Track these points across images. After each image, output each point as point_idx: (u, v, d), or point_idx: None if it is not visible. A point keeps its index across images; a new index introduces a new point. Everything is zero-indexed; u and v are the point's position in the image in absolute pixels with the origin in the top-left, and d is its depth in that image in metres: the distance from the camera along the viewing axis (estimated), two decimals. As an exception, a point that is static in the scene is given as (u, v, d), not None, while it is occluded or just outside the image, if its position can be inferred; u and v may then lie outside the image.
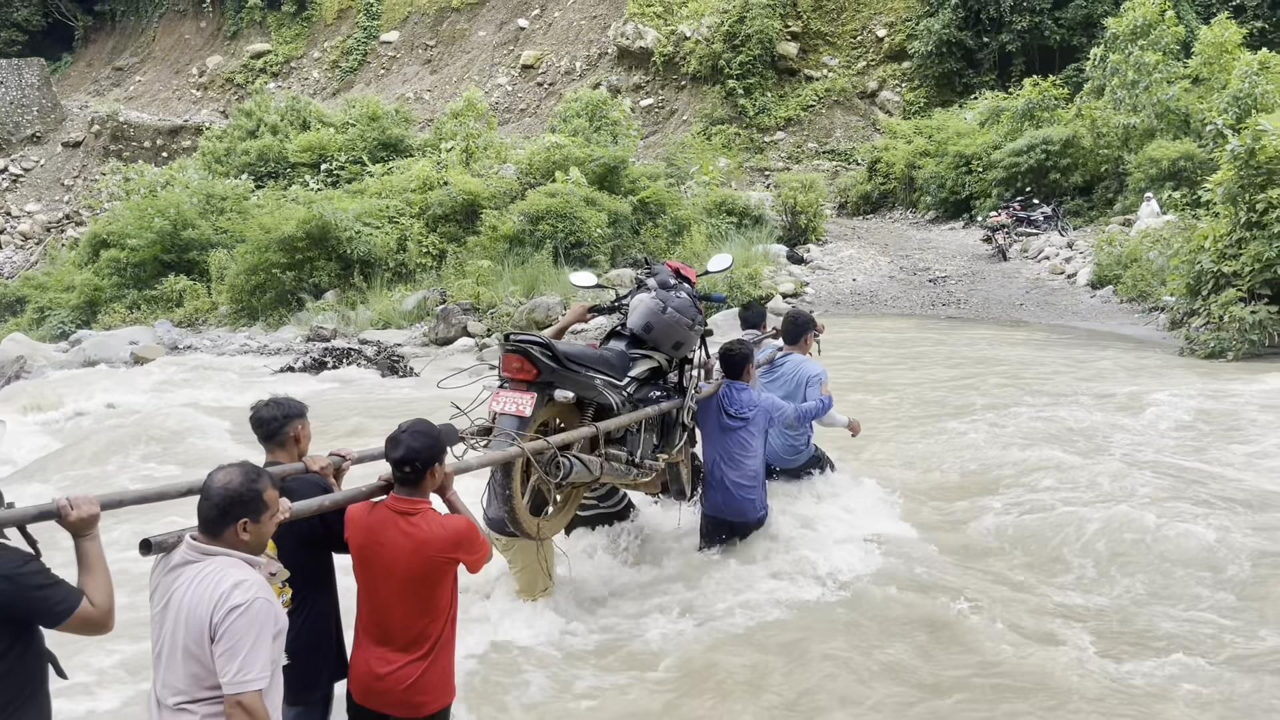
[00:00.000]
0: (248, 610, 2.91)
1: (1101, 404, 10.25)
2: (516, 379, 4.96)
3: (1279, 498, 7.12)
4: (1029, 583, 6.00)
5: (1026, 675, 4.79)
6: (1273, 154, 13.00)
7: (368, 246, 20.66)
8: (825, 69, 38.64)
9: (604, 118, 28.05)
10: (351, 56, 46.95)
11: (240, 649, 2.89)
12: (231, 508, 3.02)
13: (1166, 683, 4.70)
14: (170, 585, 3.03)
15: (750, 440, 5.88)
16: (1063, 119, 26.28)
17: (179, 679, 2.99)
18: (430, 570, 3.59)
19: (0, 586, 2.85)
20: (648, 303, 5.75)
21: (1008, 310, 18.69)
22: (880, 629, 5.31)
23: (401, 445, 3.61)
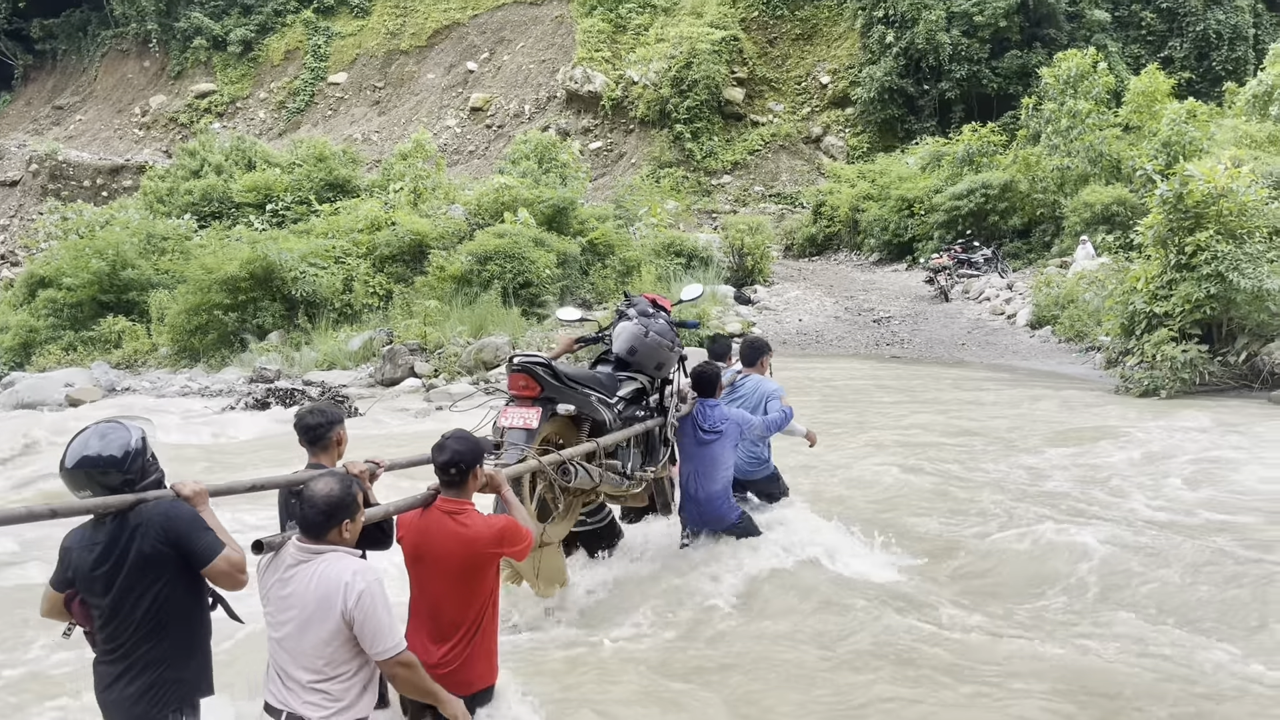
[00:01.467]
0: (369, 592, 3.41)
1: (1040, 440, 10.46)
2: (522, 395, 5.43)
3: (1179, 524, 7.30)
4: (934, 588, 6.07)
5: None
6: (1200, 198, 13.45)
7: (313, 287, 20.45)
8: (771, 114, 39.34)
9: (553, 160, 28.23)
10: (299, 97, 46.78)
11: (378, 624, 3.41)
12: (336, 512, 3.49)
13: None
14: (287, 583, 3.49)
15: (723, 454, 6.35)
16: (1001, 164, 27.01)
17: (312, 662, 3.46)
18: (477, 563, 4.03)
19: (161, 524, 3.41)
20: (631, 328, 6.30)
21: (950, 350, 19.01)
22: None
23: (447, 450, 4.07)
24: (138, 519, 3.42)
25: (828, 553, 6.63)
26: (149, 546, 3.40)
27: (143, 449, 3.55)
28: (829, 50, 39.84)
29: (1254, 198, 13.53)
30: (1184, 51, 34.38)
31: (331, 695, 3.47)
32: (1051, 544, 6.85)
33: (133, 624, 3.43)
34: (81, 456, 3.43)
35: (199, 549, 3.44)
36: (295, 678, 3.49)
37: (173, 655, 3.49)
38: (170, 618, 3.48)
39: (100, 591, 3.43)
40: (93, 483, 3.43)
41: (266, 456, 10.94)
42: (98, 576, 3.42)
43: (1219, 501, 7.99)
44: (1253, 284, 12.92)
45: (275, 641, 3.55)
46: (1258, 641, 5.36)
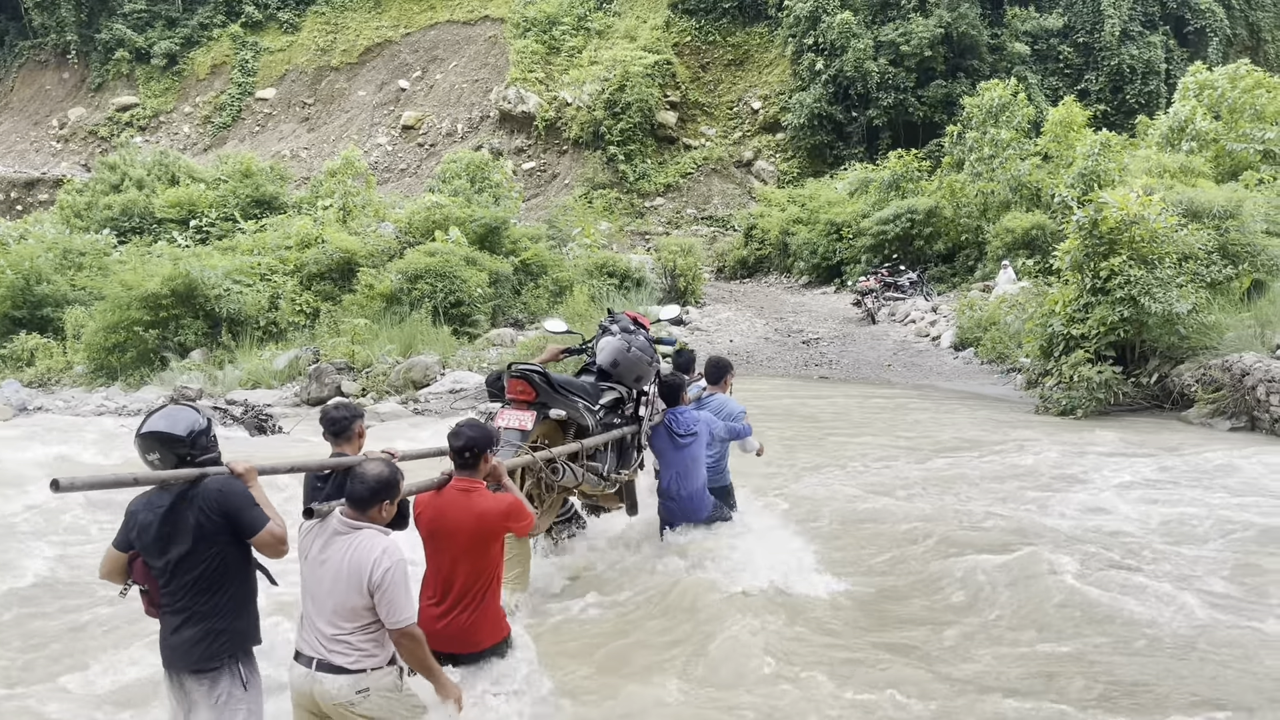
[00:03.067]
0: (393, 569, 3.95)
1: (961, 456, 10.68)
2: (519, 399, 5.97)
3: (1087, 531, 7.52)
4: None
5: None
6: (1114, 225, 13.91)
7: (237, 304, 20.02)
8: (703, 138, 39.79)
9: (485, 179, 28.15)
10: (225, 112, 45.97)
11: (395, 597, 3.94)
12: (381, 490, 4.03)
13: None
14: (326, 547, 4.03)
15: (699, 454, 6.86)
16: (926, 190, 27.66)
17: (339, 618, 3.98)
18: (487, 535, 4.57)
19: (215, 498, 3.87)
20: (615, 343, 6.76)
21: (876, 371, 19.33)
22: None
23: (463, 436, 4.64)
24: (197, 491, 3.91)
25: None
26: (205, 516, 3.88)
27: (206, 429, 4.06)
28: (760, 76, 40.49)
29: (1164, 225, 14.03)
30: (1099, 84, 35.71)
31: (354, 645, 3.99)
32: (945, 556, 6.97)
33: (191, 581, 3.91)
34: (154, 429, 3.96)
35: (247, 522, 3.91)
36: (322, 630, 4.01)
37: (227, 608, 3.97)
38: (224, 576, 3.96)
39: (160, 552, 3.93)
40: (162, 450, 3.95)
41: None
42: (160, 538, 3.92)
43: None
44: (1163, 308, 13.39)
45: (309, 597, 4.07)
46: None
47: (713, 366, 7.65)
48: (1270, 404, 12.17)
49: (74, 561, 7.83)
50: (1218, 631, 5.73)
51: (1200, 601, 6.15)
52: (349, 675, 3.96)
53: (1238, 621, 5.88)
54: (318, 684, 3.97)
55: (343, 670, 3.96)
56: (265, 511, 3.96)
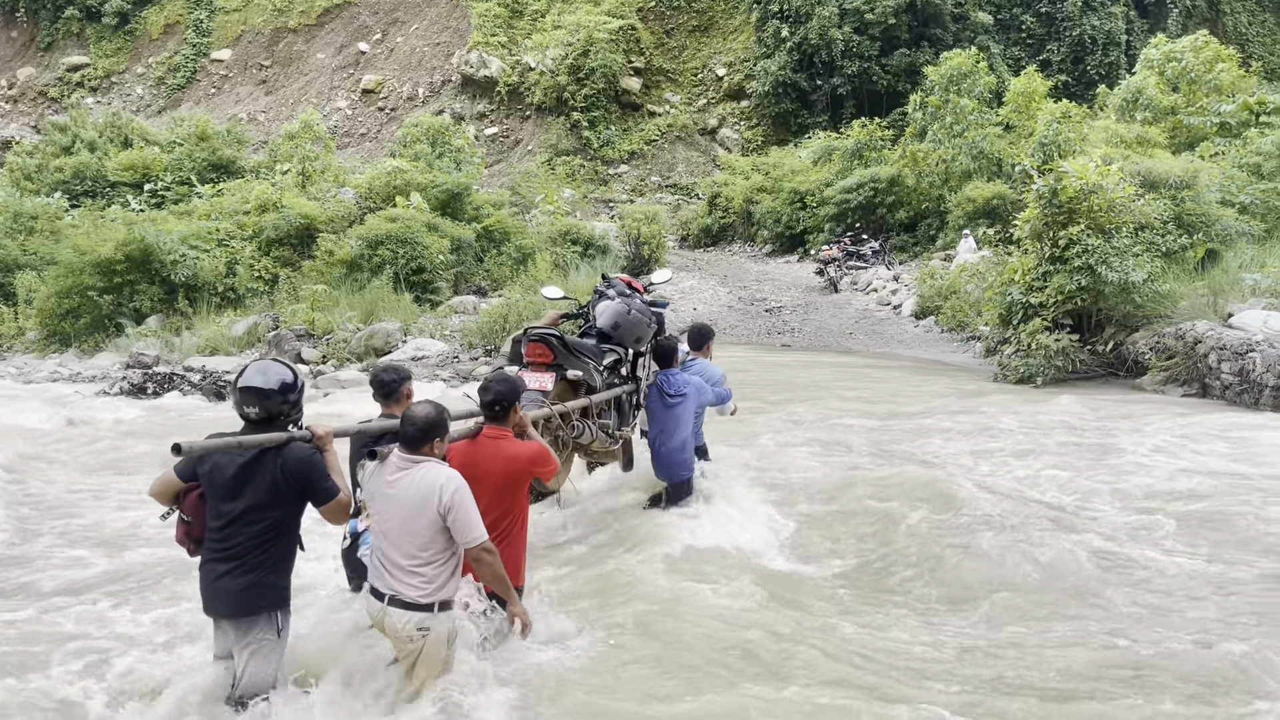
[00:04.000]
0: (460, 491, 4.30)
1: (914, 422, 10.81)
2: (538, 362, 6.33)
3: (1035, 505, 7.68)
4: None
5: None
6: (1073, 194, 14.06)
7: (194, 270, 19.70)
8: (667, 105, 39.55)
9: (447, 144, 27.80)
10: (179, 73, 44.92)
11: (467, 517, 4.29)
12: (431, 429, 4.39)
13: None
14: (390, 486, 4.34)
15: (685, 415, 7.07)
16: (889, 159, 27.74)
17: (411, 548, 4.30)
18: (515, 478, 4.94)
19: (300, 472, 4.19)
20: (615, 306, 7.06)
21: (838, 339, 19.47)
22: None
23: (492, 390, 5.00)
24: (282, 454, 4.21)
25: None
26: (283, 479, 4.18)
27: (296, 385, 4.37)
28: (725, 43, 40.26)
29: (1122, 195, 14.21)
30: (1061, 55, 35.90)
31: (425, 577, 4.31)
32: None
33: (251, 533, 4.19)
34: (250, 384, 4.28)
35: (321, 491, 4.24)
36: (396, 563, 4.32)
37: (274, 564, 4.27)
38: (278, 535, 4.27)
39: (229, 498, 4.20)
40: (257, 400, 4.27)
41: (115, 445, 10.49)
42: (232, 486, 4.18)
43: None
44: (1119, 276, 13.58)
45: (381, 535, 4.39)
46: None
47: (696, 333, 7.96)
48: (1221, 371, 12.42)
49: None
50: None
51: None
52: (416, 612, 4.31)
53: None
54: (388, 617, 4.34)
55: (412, 605, 4.30)
56: (336, 481, 4.28)
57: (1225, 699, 4.56)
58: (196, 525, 4.30)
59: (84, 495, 8.58)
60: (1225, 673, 4.75)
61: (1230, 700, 4.55)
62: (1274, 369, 11.74)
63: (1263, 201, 17.83)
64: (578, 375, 6.44)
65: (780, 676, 4.86)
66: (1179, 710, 4.46)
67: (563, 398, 6.42)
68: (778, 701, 4.60)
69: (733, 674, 4.88)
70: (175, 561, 6.32)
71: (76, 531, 7.57)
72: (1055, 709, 4.52)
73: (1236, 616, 5.48)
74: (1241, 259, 15.21)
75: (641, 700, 4.66)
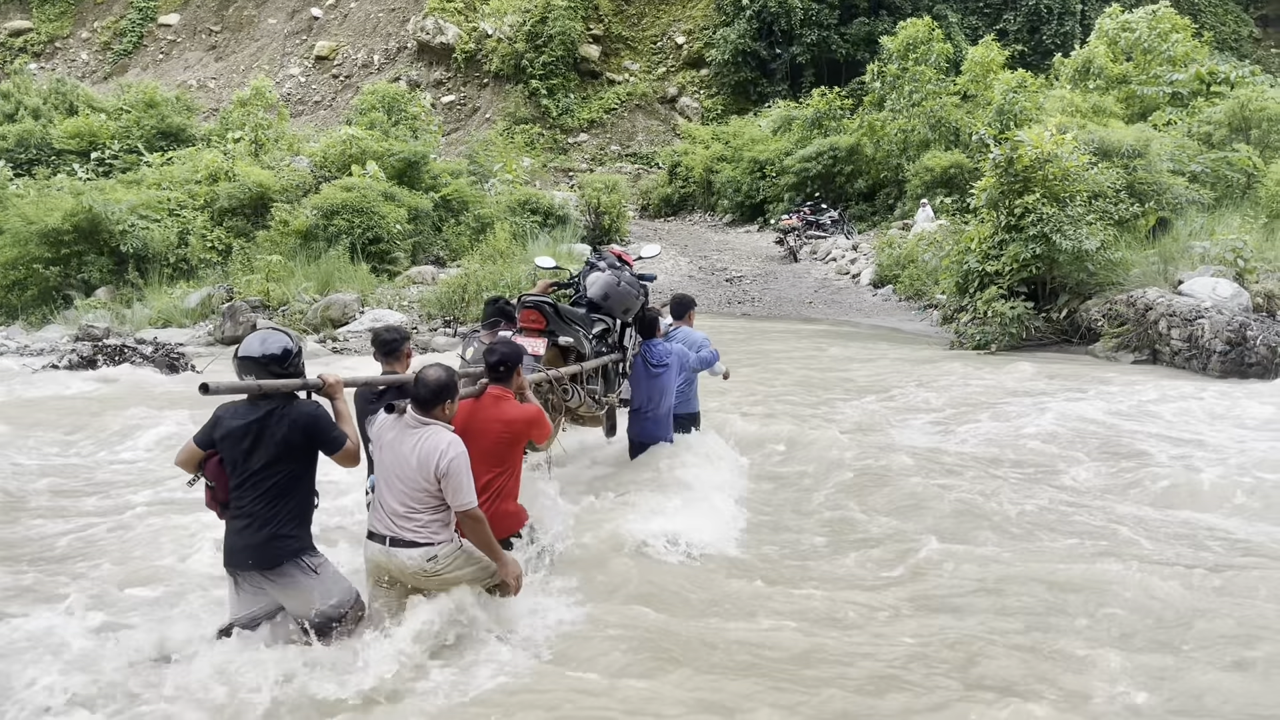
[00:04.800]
0: (459, 457, 4.56)
1: (876, 391, 10.92)
2: (531, 328, 6.53)
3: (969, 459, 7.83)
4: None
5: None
6: (1028, 163, 14.21)
7: (144, 240, 19.30)
8: (627, 73, 39.26)
9: (403, 112, 27.42)
10: (126, 38, 43.77)
11: (461, 483, 4.55)
12: (442, 391, 4.65)
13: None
14: (400, 439, 4.62)
15: (669, 383, 7.39)
16: (848, 128, 27.79)
17: (410, 499, 4.59)
18: (512, 438, 5.20)
19: (306, 424, 4.43)
20: (606, 278, 7.31)
21: (798, 308, 19.57)
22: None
23: (497, 353, 5.26)
24: (289, 410, 4.43)
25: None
26: (294, 434, 4.40)
27: (297, 351, 4.55)
28: (684, 10, 39.97)
29: (1076, 164, 14.38)
30: (1017, 25, 36.02)
31: (420, 523, 4.60)
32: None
33: (266, 489, 4.41)
34: (250, 353, 4.47)
35: (330, 440, 4.48)
36: (395, 509, 4.61)
37: (290, 517, 4.47)
38: (293, 488, 4.47)
39: (243, 458, 4.41)
40: (258, 370, 4.45)
41: (53, 420, 10.30)
42: (244, 445, 4.40)
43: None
44: (1073, 244, 13.77)
45: (383, 482, 4.66)
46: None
47: (677, 303, 8.24)
48: (1171, 337, 12.67)
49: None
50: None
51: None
52: (420, 548, 4.59)
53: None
54: (393, 558, 4.62)
55: (414, 544, 4.59)
56: (344, 429, 4.56)
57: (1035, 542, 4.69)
58: (221, 489, 4.53)
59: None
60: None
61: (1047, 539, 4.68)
62: (1221, 335, 11.99)
63: (1212, 170, 18.14)
64: (569, 342, 6.69)
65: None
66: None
67: (553, 363, 6.65)
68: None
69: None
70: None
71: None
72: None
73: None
74: (1191, 227, 15.49)
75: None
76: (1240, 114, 19.50)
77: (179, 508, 6.97)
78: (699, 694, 4.30)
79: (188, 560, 6.10)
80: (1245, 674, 4.47)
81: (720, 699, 4.25)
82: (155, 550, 6.29)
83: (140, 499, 7.42)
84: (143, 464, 8.52)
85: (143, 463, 8.56)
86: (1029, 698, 4.20)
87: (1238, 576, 5.53)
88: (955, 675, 4.47)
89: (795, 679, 4.47)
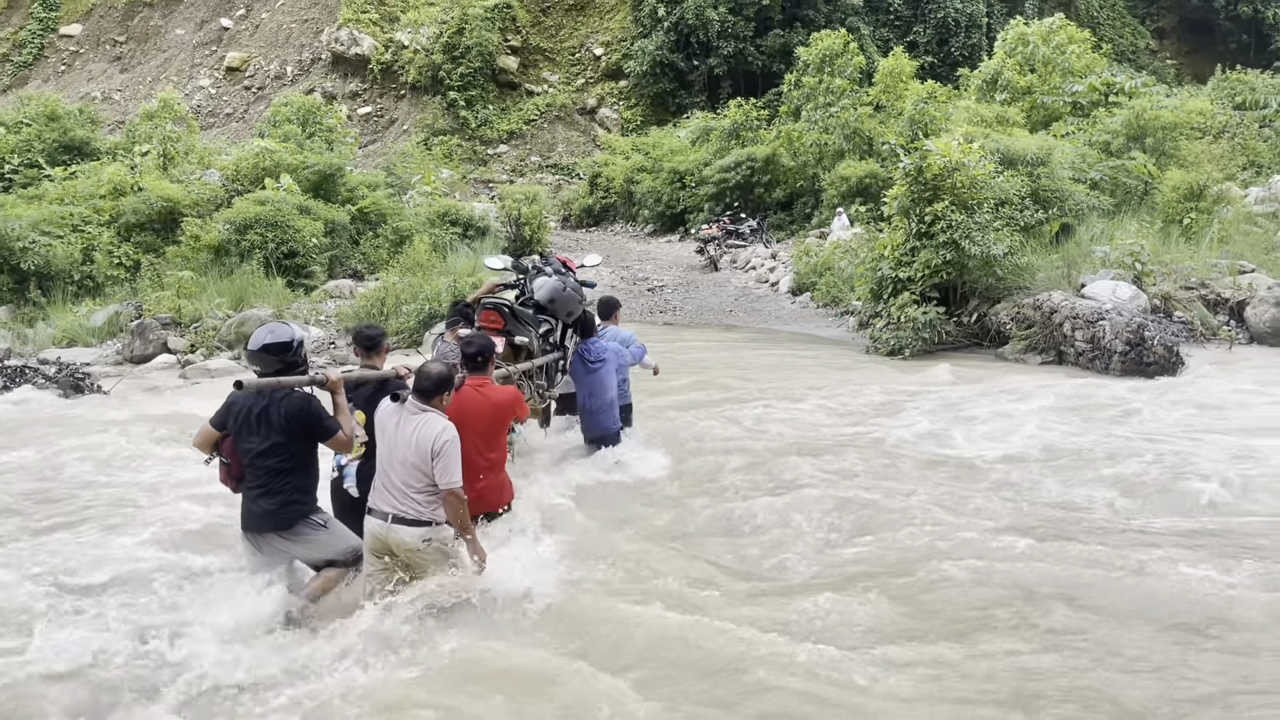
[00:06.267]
0: (451, 442, 5.15)
1: (790, 395, 11.10)
2: (490, 328, 7.15)
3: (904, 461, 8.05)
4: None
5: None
6: (937, 172, 14.57)
7: (46, 257, 18.64)
8: (546, 84, 39.25)
9: (318, 124, 26.99)
10: (25, 50, 42.34)
11: (450, 464, 5.12)
12: (443, 384, 5.28)
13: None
14: (401, 423, 5.20)
15: (607, 378, 7.98)
16: (765, 139, 28.19)
17: (409, 479, 5.16)
18: (499, 420, 5.91)
19: (297, 414, 5.10)
20: (553, 283, 7.93)
21: (719, 316, 19.76)
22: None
23: (475, 344, 6.01)
24: (286, 400, 5.13)
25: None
26: (287, 421, 5.11)
27: (300, 341, 5.28)
28: (601, 22, 40.15)
29: (982, 172, 14.81)
30: (927, 37, 37.02)
31: (419, 502, 5.17)
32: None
33: (271, 464, 5.14)
34: (260, 343, 5.21)
35: (322, 429, 5.18)
36: (396, 486, 5.17)
37: (296, 487, 5.20)
38: (295, 465, 5.20)
39: (250, 437, 5.16)
40: (267, 359, 5.21)
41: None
42: (252, 428, 5.15)
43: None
44: (981, 250, 14.17)
45: (384, 464, 5.24)
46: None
47: (604, 304, 8.83)
48: (1075, 339, 13.11)
49: None
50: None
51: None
52: (420, 527, 5.17)
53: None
54: (393, 533, 5.18)
55: (415, 522, 5.16)
56: (338, 419, 5.22)
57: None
58: (235, 465, 5.26)
59: None
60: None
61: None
62: (1121, 335, 12.46)
63: (1111, 178, 18.84)
64: (524, 341, 7.30)
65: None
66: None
67: (507, 360, 7.22)
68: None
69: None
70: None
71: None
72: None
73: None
74: (1093, 232, 16.06)
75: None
76: (1136, 123, 20.29)
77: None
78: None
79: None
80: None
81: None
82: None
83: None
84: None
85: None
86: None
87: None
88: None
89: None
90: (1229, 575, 5.63)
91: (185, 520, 7.01)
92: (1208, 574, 5.64)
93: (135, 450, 9.11)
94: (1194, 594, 5.41)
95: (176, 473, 8.31)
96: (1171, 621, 5.14)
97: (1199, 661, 4.73)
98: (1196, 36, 44.38)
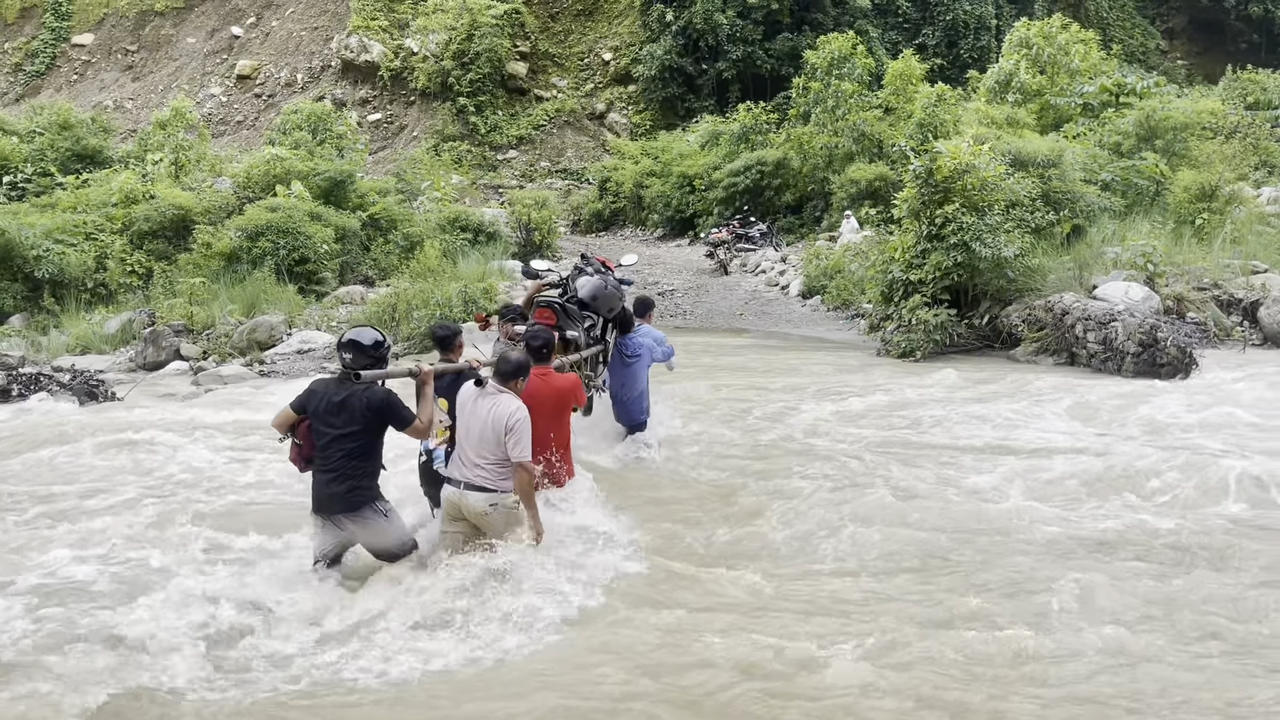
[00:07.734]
0: (524, 420, 5.72)
1: (800, 396, 11.09)
2: (544, 323, 7.57)
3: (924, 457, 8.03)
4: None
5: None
6: (947, 174, 14.54)
7: (59, 265, 18.76)
8: (555, 89, 39.34)
9: (328, 131, 27.11)
10: (38, 59, 42.64)
11: (522, 439, 5.70)
12: (519, 371, 5.93)
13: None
14: (478, 403, 5.81)
15: (640, 371, 8.64)
16: (774, 142, 28.19)
17: (484, 450, 5.74)
18: (563, 405, 6.65)
19: (380, 406, 5.62)
20: (595, 281, 8.41)
21: (729, 320, 19.75)
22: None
23: (540, 338, 6.62)
24: (369, 391, 5.63)
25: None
26: (369, 411, 5.61)
27: (387, 344, 5.85)
28: (610, 27, 40.21)
29: (993, 174, 14.77)
30: (936, 39, 36.99)
31: (490, 474, 5.75)
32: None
33: (345, 450, 5.63)
34: (351, 339, 5.73)
35: (399, 419, 5.68)
36: (472, 461, 5.77)
37: (364, 474, 5.71)
38: (366, 453, 5.70)
39: (328, 423, 5.64)
40: (355, 353, 5.69)
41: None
42: (333, 415, 5.62)
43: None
44: (992, 252, 14.13)
45: (463, 438, 5.85)
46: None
47: (639, 303, 9.22)
48: (1087, 340, 13.06)
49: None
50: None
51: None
52: (486, 493, 5.75)
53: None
54: (464, 499, 5.80)
55: (482, 489, 5.74)
56: (420, 408, 5.73)
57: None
58: (307, 447, 5.75)
59: None
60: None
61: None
62: (1134, 337, 12.41)
63: (1122, 179, 18.78)
64: (574, 335, 7.80)
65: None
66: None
67: (557, 353, 7.60)
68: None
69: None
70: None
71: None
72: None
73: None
74: (1104, 233, 16.01)
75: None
76: (1147, 124, 20.23)
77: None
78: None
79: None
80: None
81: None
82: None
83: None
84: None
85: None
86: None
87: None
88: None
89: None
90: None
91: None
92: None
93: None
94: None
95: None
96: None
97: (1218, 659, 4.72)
98: (1207, 37, 44.21)
